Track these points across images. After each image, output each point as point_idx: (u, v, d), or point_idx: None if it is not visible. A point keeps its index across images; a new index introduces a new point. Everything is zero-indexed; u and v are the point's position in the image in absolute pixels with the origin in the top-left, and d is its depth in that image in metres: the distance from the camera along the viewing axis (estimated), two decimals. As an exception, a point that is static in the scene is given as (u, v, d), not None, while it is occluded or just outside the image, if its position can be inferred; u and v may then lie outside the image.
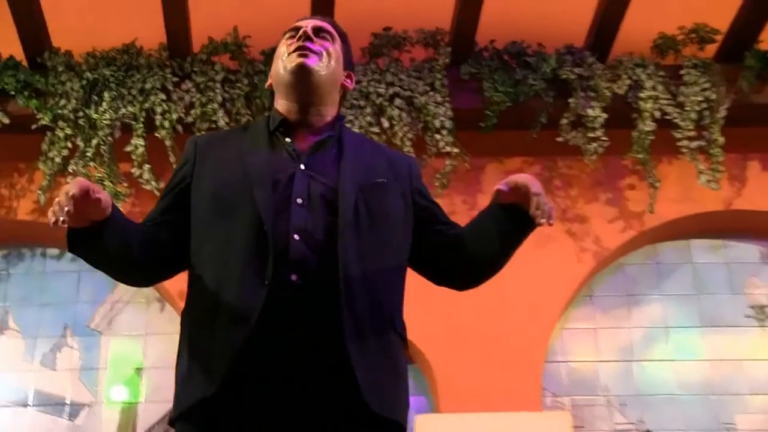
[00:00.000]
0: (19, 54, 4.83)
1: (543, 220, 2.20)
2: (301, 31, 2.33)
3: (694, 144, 4.68)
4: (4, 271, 5.04)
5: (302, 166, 2.20)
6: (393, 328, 2.16)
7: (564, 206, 4.94)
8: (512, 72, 4.82)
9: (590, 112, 4.70)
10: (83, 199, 1.97)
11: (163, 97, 4.71)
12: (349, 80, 2.44)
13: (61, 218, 1.93)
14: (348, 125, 4.50)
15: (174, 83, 4.77)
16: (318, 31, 2.36)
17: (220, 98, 4.71)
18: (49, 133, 4.72)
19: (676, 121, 4.70)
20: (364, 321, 2.06)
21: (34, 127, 4.70)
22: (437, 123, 4.67)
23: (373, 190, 2.24)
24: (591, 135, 4.68)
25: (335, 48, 2.38)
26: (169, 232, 2.24)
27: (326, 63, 2.33)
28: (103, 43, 4.88)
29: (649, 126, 4.69)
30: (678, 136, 4.69)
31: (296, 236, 2.08)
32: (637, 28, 4.79)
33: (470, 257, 2.31)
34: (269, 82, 2.45)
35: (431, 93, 4.74)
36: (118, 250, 2.14)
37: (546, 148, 4.89)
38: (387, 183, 2.28)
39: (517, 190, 2.16)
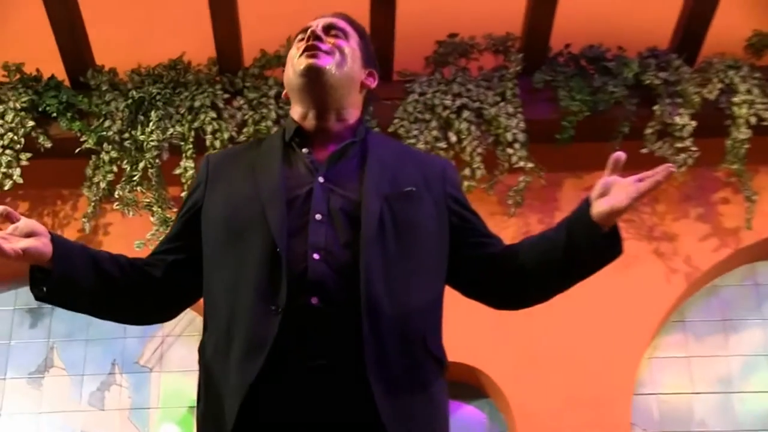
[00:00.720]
0: (61, 73, 4.86)
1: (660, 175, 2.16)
2: (309, 31, 2.32)
3: None
4: (48, 306, 4.93)
5: (321, 179, 2.18)
6: (427, 352, 2.12)
7: (651, 223, 4.87)
8: (590, 79, 4.77)
9: (678, 119, 4.62)
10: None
11: (214, 115, 4.68)
12: (371, 78, 2.42)
13: None
14: (412, 141, 4.53)
15: (225, 100, 4.75)
16: (329, 30, 2.35)
17: (274, 115, 4.67)
18: (93, 157, 4.73)
19: None
20: (390, 346, 2.03)
21: (77, 150, 4.71)
22: (509, 136, 4.61)
23: (400, 199, 2.20)
24: (679, 145, 4.61)
25: (350, 45, 2.37)
26: (178, 259, 2.28)
27: (339, 62, 2.30)
28: (149, 59, 4.91)
29: (743, 133, 4.62)
30: None
31: (315, 255, 2.05)
32: (729, 27, 4.78)
33: (517, 276, 2.27)
34: (285, 91, 2.43)
35: (502, 104, 4.69)
36: (100, 283, 2.16)
37: (629, 161, 4.60)
38: (416, 191, 2.24)
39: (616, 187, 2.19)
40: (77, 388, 4.88)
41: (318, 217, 2.09)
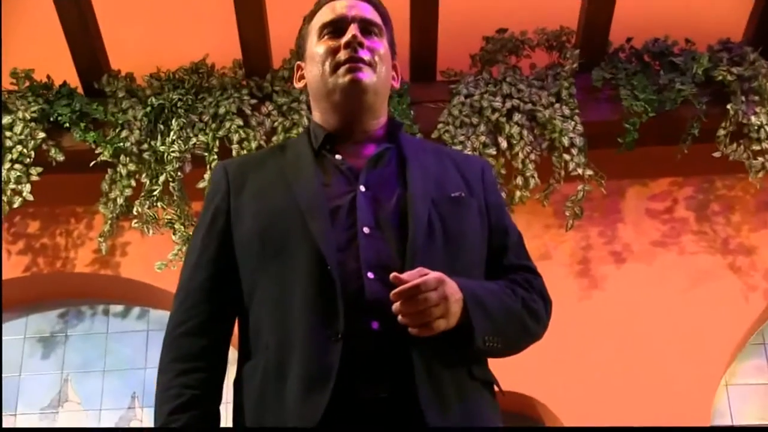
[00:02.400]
0: (74, 80, 4.90)
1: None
2: (349, 36, 2.28)
3: None
4: (61, 334, 5.09)
5: (362, 188, 2.16)
6: (480, 378, 2.11)
7: (725, 235, 4.86)
8: (655, 76, 4.77)
9: (754, 119, 4.62)
10: None
11: (240, 122, 4.69)
12: (395, 76, 2.43)
13: None
14: (459, 147, 4.52)
15: (252, 106, 4.76)
16: (367, 28, 2.33)
17: (305, 121, 4.65)
18: (109, 170, 4.74)
19: None
20: (443, 372, 2.01)
21: (92, 164, 4.72)
22: (565, 140, 4.61)
23: (449, 205, 2.20)
24: (756, 148, 4.61)
25: (384, 44, 2.36)
26: (229, 289, 2.19)
27: (379, 71, 2.31)
28: (169, 63, 4.92)
29: None
30: None
31: (370, 274, 2.02)
32: None
33: None
34: (301, 83, 2.42)
35: (557, 105, 4.71)
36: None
37: (700, 166, 4.88)
38: (463, 197, 2.24)
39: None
40: (94, 423, 4.90)
41: (366, 230, 2.08)
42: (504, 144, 4.59)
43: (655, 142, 4.74)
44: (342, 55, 2.27)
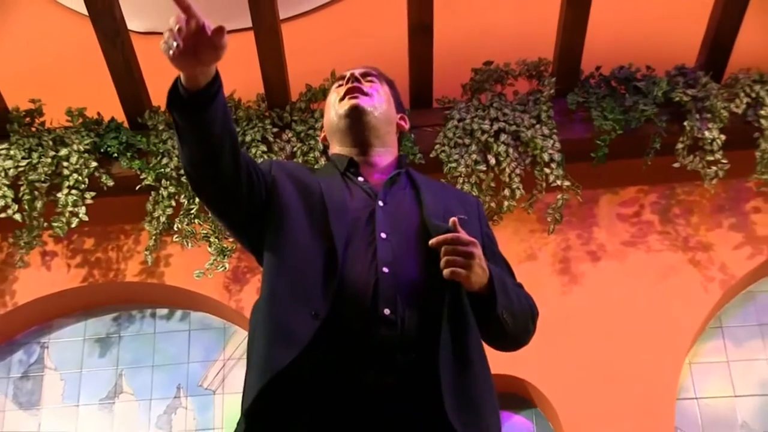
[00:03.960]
0: (120, 116, 4.91)
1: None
2: (349, 74, 2.44)
3: None
4: (115, 335, 5.10)
5: (381, 203, 2.24)
6: (484, 362, 2.17)
7: (685, 234, 4.85)
8: (621, 98, 4.74)
9: (707, 134, 4.60)
10: (193, 27, 1.90)
11: (264, 148, 4.70)
12: (403, 121, 2.52)
13: (174, 44, 1.89)
14: (453, 164, 4.58)
15: (274, 134, 4.77)
16: (365, 75, 2.46)
17: (321, 146, 4.66)
18: (153, 193, 4.74)
19: None
20: (461, 355, 2.06)
21: (138, 187, 4.73)
22: (546, 156, 4.60)
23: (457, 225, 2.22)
24: (710, 158, 4.59)
25: (384, 89, 2.48)
26: (261, 184, 2.22)
27: (378, 103, 2.41)
28: None
29: None
30: None
31: (385, 269, 2.08)
32: (754, 42, 4.80)
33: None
34: (322, 135, 2.53)
35: (538, 126, 4.68)
36: (219, 137, 2.06)
37: (662, 176, 4.84)
38: (467, 219, 2.25)
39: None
40: (145, 412, 4.90)
41: (383, 235, 2.14)
42: (493, 161, 4.60)
43: (623, 156, 4.71)
44: (343, 88, 2.41)
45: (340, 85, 2.46)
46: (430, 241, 2.05)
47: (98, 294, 5.05)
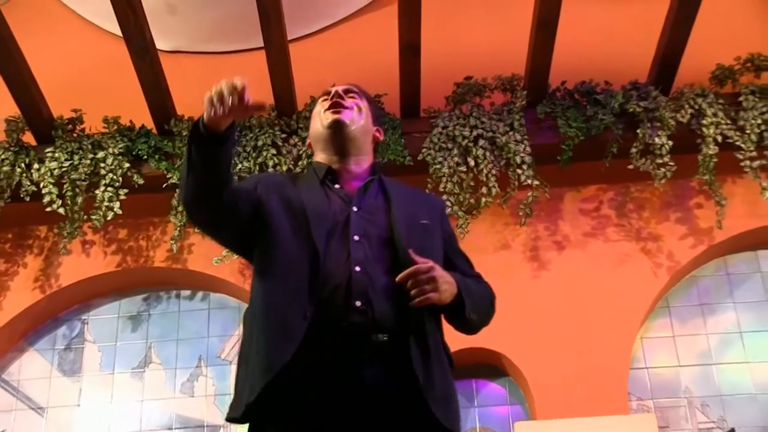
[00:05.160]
0: (149, 123, 4.92)
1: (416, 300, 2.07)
2: (333, 91, 2.42)
3: (756, 163, 4.57)
4: (145, 313, 5.10)
5: (355, 209, 2.24)
6: (445, 351, 2.22)
7: (638, 227, 4.87)
8: (583, 109, 4.76)
9: (657, 140, 4.62)
10: (239, 100, 2.00)
11: (274, 151, 4.72)
12: (378, 133, 2.50)
13: (220, 111, 1.96)
14: (438, 166, 4.59)
15: (282, 139, 4.78)
16: (347, 92, 2.44)
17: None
18: (177, 190, 4.69)
19: (737, 143, 4.60)
20: (425, 343, 2.10)
21: (164, 185, 4.75)
22: (518, 159, 4.61)
23: (419, 228, 2.27)
24: (659, 161, 4.61)
25: (364, 104, 2.45)
26: (248, 206, 2.22)
27: (357, 117, 2.40)
28: None
29: (712, 149, 4.60)
30: (740, 157, 4.59)
31: (357, 268, 2.10)
32: (696, 62, 4.75)
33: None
34: (309, 141, 2.52)
35: (511, 133, 4.68)
36: (223, 172, 2.12)
37: (619, 176, 4.84)
38: (429, 224, 2.32)
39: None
40: (171, 379, 4.91)
41: (356, 238, 2.16)
42: (472, 163, 4.60)
43: (585, 159, 4.74)
44: (327, 102, 2.41)
45: (325, 99, 2.45)
46: (397, 279, 2.05)
47: (130, 277, 5.05)
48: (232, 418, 2.09)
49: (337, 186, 2.33)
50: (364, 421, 2.01)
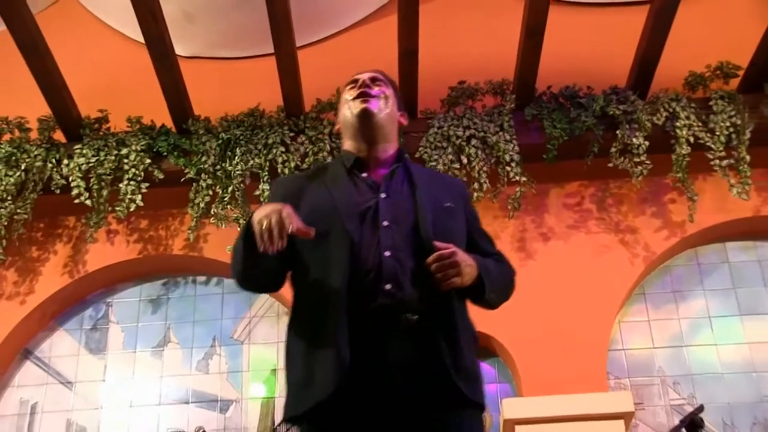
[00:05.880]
0: (169, 122, 4.94)
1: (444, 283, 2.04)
2: (360, 80, 2.35)
3: (725, 162, 4.60)
4: (164, 296, 5.11)
5: (383, 195, 2.18)
6: (471, 329, 2.17)
7: (617, 220, 4.87)
8: (567, 111, 4.77)
9: (635, 141, 4.64)
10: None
11: (283, 149, 4.73)
12: (402, 118, 2.43)
13: (270, 250, 1.89)
14: (433, 163, 4.58)
15: (291, 138, 4.79)
16: (374, 80, 2.37)
17: (328, 147, 4.72)
18: (194, 184, 4.79)
19: (708, 144, 4.62)
20: (452, 321, 2.07)
21: (182, 180, 4.79)
22: (507, 157, 4.63)
23: (443, 212, 2.21)
24: (636, 160, 4.63)
25: (390, 92, 2.38)
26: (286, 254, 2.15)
27: (384, 105, 2.32)
28: (233, 109, 4.97)
29: (685, 150, 4.62)
30: (710, 156, 4.61)
31: (387, 253, 2.06)
32: (671, 69, 4.75)
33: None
34: (337, 126, 2.43)
35: (501, 133, 4.70)
36: (272, 266, 2.11)
37: (599, 173, 4.86)
38: (452, 207, 2.25)
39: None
40: (188, 357, 4.93)
41: (385, 223, 2.10)
42: (465, 160, 4.61)
43: (569, 158, 4.74)
44: (355, 91, 2.33)
45: (352, 87, 2.36)
46: (427, 261, 2.02)
47: (151, 264, 5.07)
48: (293, 417, 2.04)
49: (364, 174, 2.27)
50: (395, 396, 1.98)
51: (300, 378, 2.05)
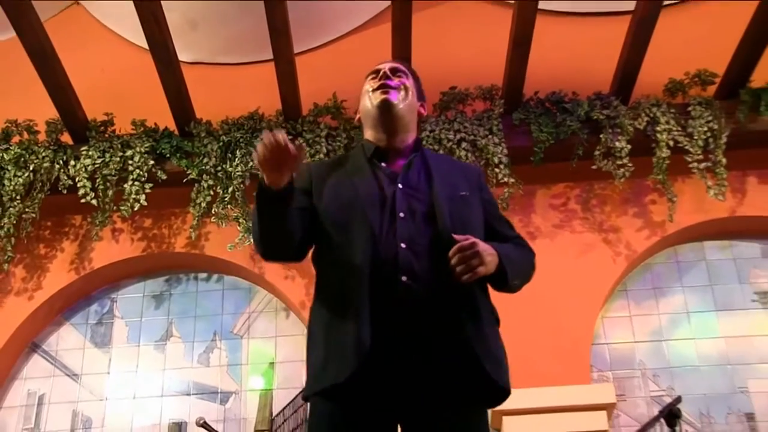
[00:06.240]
0: (172, 125, 4.95)
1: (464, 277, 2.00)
2: (381, 72, 2.32)
3: (703, 165, 4.63)
4: (167, 292, 5.11)
5: (400, 186, 2.15)
6: (492, 313, 2.17)
7: (600, 220, 4.89)
8: (553, 116, 4.78)
9: (617, 144, 4.66)
10: (282, 148, 1.93)
11: None
12: (422, 108, 2.39)
13: (263, 157, 1.92)
14: None
15: (289, 140, 4.77)
16: (395, 71, 2.34)
17: (324, 150, 4.73)
18: (196, 185, 4.80)
19: (686, 147, 4.66)
20: (476, 310, 2.05)
21: (184, 180, 4.80)
22: (496, 159, 4.64)
23: (459, 201, 2.18)
24: (619, 162, 4.65)
25: (410, 83, 2.34)
26: (307, 223, 2.16)
27: (404, 96, 2.28)
28: (234, 113, 4.97)
29: (665, 153, 4.65)
30: (689, 159, 4.64)
31: (403, 245, 2.03)
32: (652, 76, 4.78)
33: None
34: (358, 116, 2.39)
35: (490, 136, 4.72)
36: (290, 228, 2.07)
37: (584, 175, 4.87)
38: (469, 195, 2.22)
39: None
40: (189, 351, 4.93)
41: (402, 215, 2.08)
42: None
43: (554, 160, 4.75)
44: (376, 82, 2.30)
45: (373, 78, 2.33)
46: (449, 254, 1.99)
47: (154, 261, 5.07)
48: (309, 396, 2.05)
49: (383, 164, 2.24)
50: (422, 382, 1.97)
51: (321, 359, 2.04)
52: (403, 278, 2.00)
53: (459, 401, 2.01)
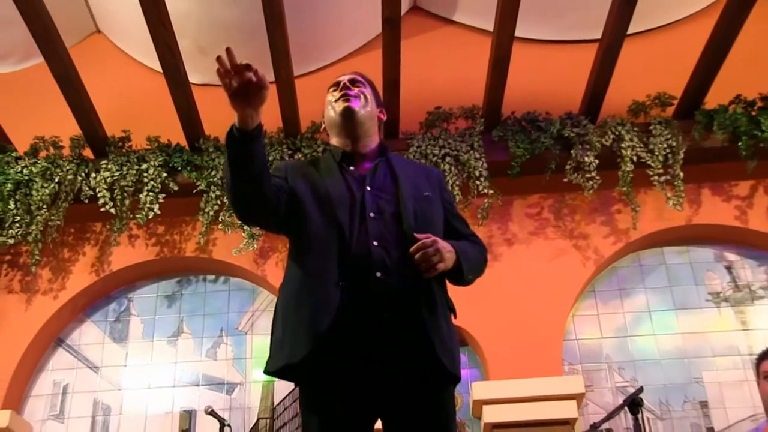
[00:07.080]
0: (183, 141, 4.96)
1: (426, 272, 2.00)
2: (341, 83, 2.30)
3: (663, 179, 4.67)
4: (178, 293, 5.12)
5: (368, 188, 2.12)
6: (448, 305, 2.13)
7: (571, 227, 4.90)
8: (529, 133, 4.78)
9: (586, 159, 4.69)
10: (240, 70, 1.87)
11: None
12: (382, 114, 2.35)
13: (230, 82, 1.86)
14: None
15: (289, 155, 4.79)
16: (354, 82, 2.31)
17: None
18: (204, 195, 4.81)
19: (648, 162, 4.68)
20: (434, 302, 2.02)
21: (194, 191, 4.81)
22: (477, 173, 4.66)
23: (423, 201, 2.16)
24: (588, 176, 4.68)
25: (368, 91, 2.31)
26: (285, 196, 2.11)
27: (364, 103, 2.25)
28: None
29: (629, 167, 4.67)
30: (650, 173, 4.67)
31: (375, 243, 2.02)
32: (617, 98, 4.82)
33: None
34: (323, 126, 2.35)
35: (471, 151, 4.73)
36: (258, 169, 1.98)
37: (556, 187, 4.88)
38: (432, 195, 2.20)
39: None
40: (199, 346, 4.94)
41: (372, 215, 2.06)
42: None
43: (530, 173, 4.74)
44: (337, 93, 2.28)
45: (334, 90, 2.30)
46: (410, 251, 1.98)
47: (167, 264, 5.07)
48: (273, 371, 2.01)
49: (351, 168, 2.20)
50: (383, 365, 1.95)
51: (278, 339, 2.02)
52: (378, 274, 1.98)
53: (416, 382, 1.99)
